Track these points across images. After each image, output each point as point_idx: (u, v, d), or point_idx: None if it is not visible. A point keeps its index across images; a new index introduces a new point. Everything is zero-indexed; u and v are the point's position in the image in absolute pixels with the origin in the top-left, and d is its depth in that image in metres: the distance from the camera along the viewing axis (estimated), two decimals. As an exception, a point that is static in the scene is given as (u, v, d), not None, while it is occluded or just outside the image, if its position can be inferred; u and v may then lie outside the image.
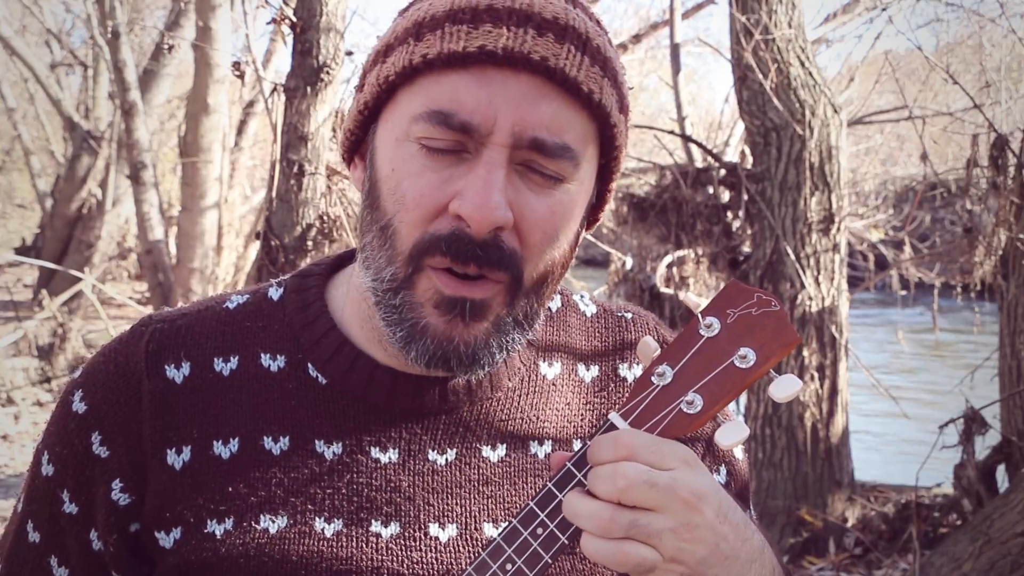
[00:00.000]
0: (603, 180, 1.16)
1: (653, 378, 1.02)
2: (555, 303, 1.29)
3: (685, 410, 1.01)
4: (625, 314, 1.31)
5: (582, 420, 1.23)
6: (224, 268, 9.12)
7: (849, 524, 5.35)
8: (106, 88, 14.29)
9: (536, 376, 1.22)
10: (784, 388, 1.00)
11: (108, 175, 14.11)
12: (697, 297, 1.02)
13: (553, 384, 1.23)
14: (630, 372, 1.27)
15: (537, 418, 1.21)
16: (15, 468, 7.23)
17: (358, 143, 1.17)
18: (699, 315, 1.04)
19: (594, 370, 1.26)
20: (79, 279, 10.54)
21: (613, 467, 0.97)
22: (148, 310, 10.01)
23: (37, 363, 9.65)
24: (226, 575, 1.13)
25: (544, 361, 1.24)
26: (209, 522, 1.14)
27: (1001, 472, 4.64)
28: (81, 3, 13.68)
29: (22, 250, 18.93)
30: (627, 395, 1.04)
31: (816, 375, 5.31)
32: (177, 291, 9.10)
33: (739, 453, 1.31)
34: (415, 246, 1.06)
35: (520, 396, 1.21)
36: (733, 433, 1.00)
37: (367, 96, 1.12)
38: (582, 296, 1.32)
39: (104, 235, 14.29)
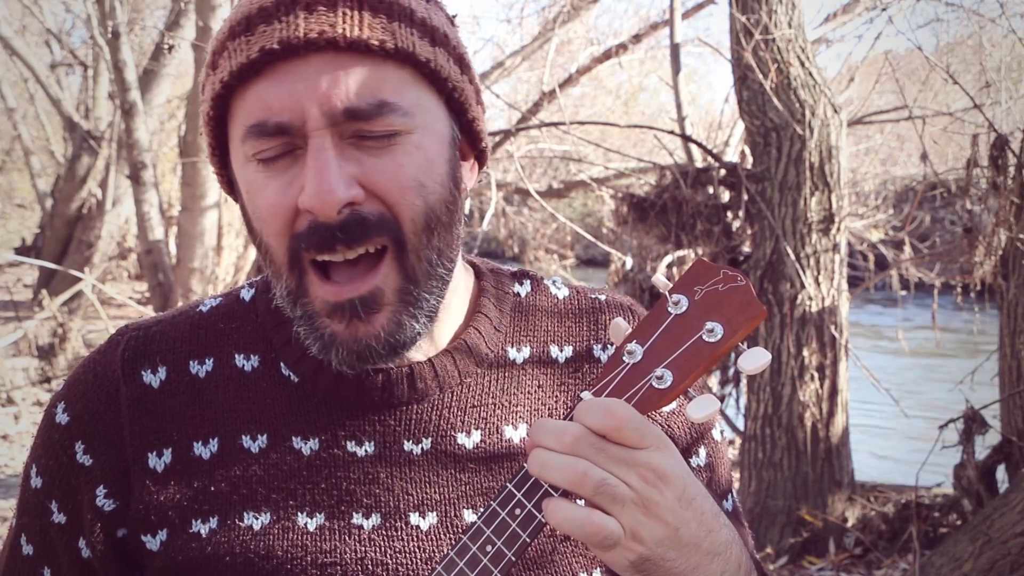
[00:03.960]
0: (458, 112, 1.15)
1: (624, 356, 1.04)
2: (524, 287, 1.29)
3: (655, 385, 1.02)
4: (599, 296, 1.31)
5: (556, 402, 1.24)
6: (224, 268, 9.11)
7: (849, 524, 5.35)
8: (106, 88, 14.30)
9: (504, 361, 1.23)
10: (753, 360, 1.01)
11: (108, 175, 14.12)
12: (666, 279, 1.02)
13: (523, 368, 1.23)
14: (604, 353, 1.27)
15: (509, 402, 1.21)
16: (15, 468, 7.23)
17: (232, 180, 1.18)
18: (667, 293, 1.05)
19: (568, 351, 1.26)
20: (79, 279, 10.54)
21: (606, 405, 0.97)
22: (148, 310, 10.02)
23: (37, 363, 9.65)
24: (213, 573, 1.14)
25: (512, 346, 1.24)
26: (194, 522, 1.16)
27: (1001, 472, 4.64)
28: (81, 3, 13.68)
29: (22, 250, 18.94)
30: (600, 373, 1.05)
31: (816, 375, 5.31)
32: (177, 291, 9.10)
33: (716, 435, 1.31)
34: (288, 253, 1.09)
35: (489, 381, 1.21)
36: (704, 406, 1.01)
37: (208, 138, 1.15)
38: (554, 280, 1.32)
39: (104, 235, 14.30)
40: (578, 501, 0.98)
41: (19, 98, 17.15)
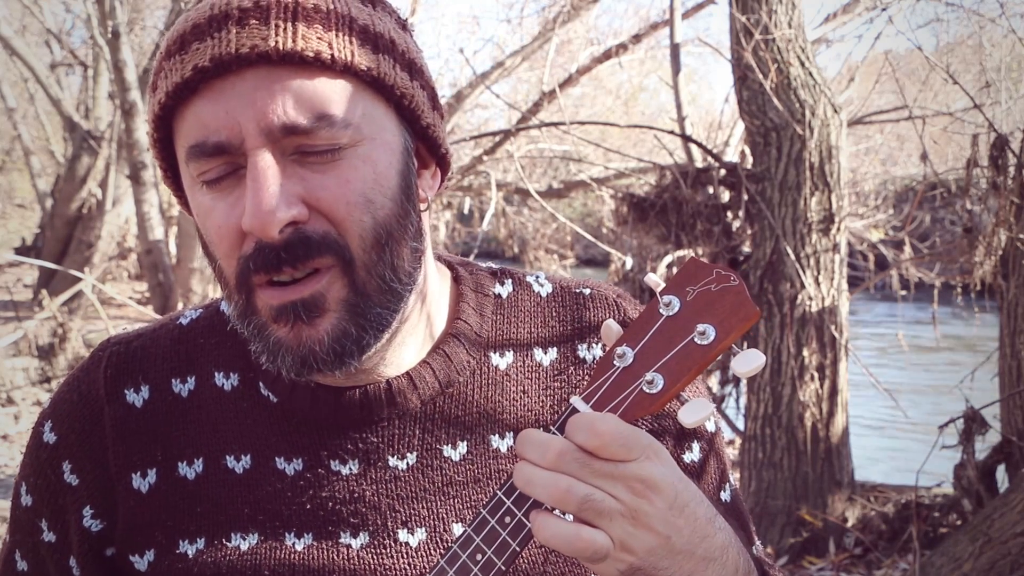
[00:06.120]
0: (411, 120, 1.10)
1: (615, 360, 1.01)
2: (506, 288, 1.25)
3: (646, 390, 0.99)
4: (583, 290, 1.27)
5: (542, 407, 1.20)
6: (224, 268, 9.12)
7: (849, 524, 5.35)
8: (106, 88, 14.31)
9: (487, 368, 1.20)
10: (746, 362, 0.98)
11: (108, 175, 14.13)
12: (658, 277, 0.99)
13: (506, 374, 1.20)
14: (589, 353, 1.23)
15: (494, 411, 1.19)
16: (15, 468, 7.23)
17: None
18: (658, 294, 1.02)
19: (552, 353, 1.22)
20: (79, 279, 10.55)
21: (590, 423, 0.95)
22: (148, 310, 10.02)
23: (37, 363, 9.65)
24: None
25: (495, 352, 1.21)
26: (181, 542, 1.15)
27: (1001, 472, 4.64)
28: (81, 3, 13.68)
29: (22, 250, 18.95)
30: (589, 377, 1.03)
31: (816, 375, 5.31)
32: (177, 291, 9.10)
33: (711, 426, 1.27)
34: (237, 276, 1.06)
35: (472, 390, 1.18)
36: (695, 411, 0.99)
37: (158, 161, 1.13)
38: (537, 276, 1.28)
39: (104, 235, 14.31)
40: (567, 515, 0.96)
41: (19, 98, 17.15)
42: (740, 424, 5.77)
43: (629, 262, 6.10)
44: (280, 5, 1.02)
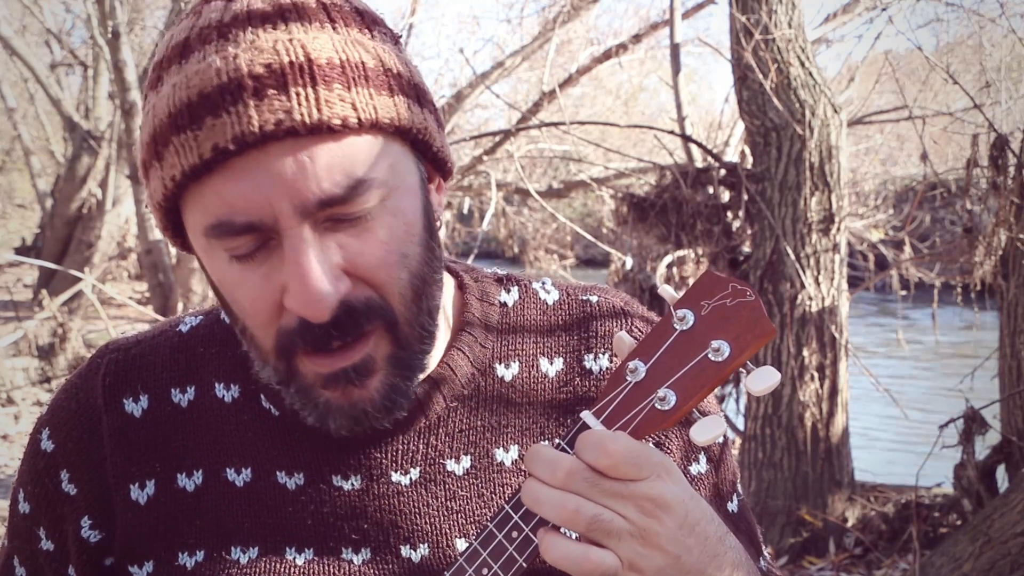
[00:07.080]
0: (423, 151, 1.07)
1: (626, 375, 0.99)
2: (512, 295, 1.23)
3: (658, 407, 0.97)
4: (590, 297, 1.24)
5: (547, 419, 1.18)
6: (224, 268, 9.12)
7: (849, 524, 5.35)
8: (106, 88, 14.31)
9: (493, 380, 1.18)
10: (761, 381, 0.97)
11: (108, 175, 14.15)
12: (673, 289, 0.96)
13: (511, 385, 1.18)
14: (595, 364, 1.20)
15: (498, 423, 1.17)
16: (15, 468, 7.23)
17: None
18: (672, 308, 1.01)
19: (558, 363, 1.20)
20: (79, 279, 10.55)
21: (600, 442, 0.94)
22: (148, 310, 10.02)
23: (37, 363, 9.65)
24: None
25: (500, 362, 1.18)
26: (180, 555, 1.14)
27: (1001, 472, 4.64)
28: (81, 3, 13.69)
29: (22, 250, 18.96)
30: (600, 391, 1.02)
31: (816, 375, 5.31)
32: (177, 291, 9.11)
33: (719, 439, 1.25)
34: (276, 347, 1.04)
35: (477, 403, 1.16)
36: (709, 429, 0.97)
37: (160, 221, 1.07)
38: (543, 283, 1.26)
39: (104, 235, 14.32)
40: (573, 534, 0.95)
41: (19, 98, 17.15)
42: (740, 424, 5.77)
43: (629, 262, 6.09)
44: (295, 67, 0.95)
